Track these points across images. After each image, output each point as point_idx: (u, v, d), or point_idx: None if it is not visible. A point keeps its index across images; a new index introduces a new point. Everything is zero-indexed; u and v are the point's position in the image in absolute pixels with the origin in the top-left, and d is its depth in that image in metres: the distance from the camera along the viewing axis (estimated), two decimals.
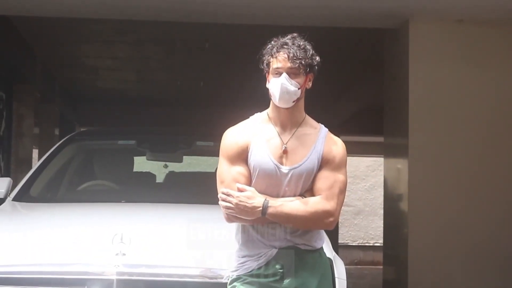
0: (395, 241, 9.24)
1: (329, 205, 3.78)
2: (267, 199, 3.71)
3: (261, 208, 3.68)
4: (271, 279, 3.75)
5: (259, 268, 3.77)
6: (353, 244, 20.80)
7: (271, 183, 3.78)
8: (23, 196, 5.71)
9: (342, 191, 3.85)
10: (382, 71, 10.04)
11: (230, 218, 3.79)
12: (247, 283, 3.77)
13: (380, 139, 10.58)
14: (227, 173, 3.83)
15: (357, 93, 14.55)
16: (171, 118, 16.40)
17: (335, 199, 3.80)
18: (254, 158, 3.80)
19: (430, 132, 8.78)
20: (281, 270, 3.75)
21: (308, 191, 3.83)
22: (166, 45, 12.05)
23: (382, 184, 10.27)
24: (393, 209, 9.42)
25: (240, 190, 3.72)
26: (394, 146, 9.52)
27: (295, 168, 3.79)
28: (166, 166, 7.85)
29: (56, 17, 9.44)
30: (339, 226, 19.12)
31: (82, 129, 16.18)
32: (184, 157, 7.10)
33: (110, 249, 4.19)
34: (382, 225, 10.36)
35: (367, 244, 21.10)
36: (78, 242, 4.49)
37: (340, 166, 3.85)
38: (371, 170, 21.64)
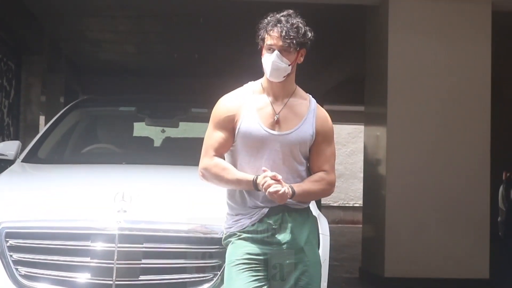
0: (374, 202, 9.29)
1: (332, 177, 3.86)
2: (290, 185, 3.69)
3: (291, 191, 3.67)
4: (264, 235, 3.73)
5: (252, 225, 3.74)
6: (335, 205, 20.89)
7: (261, 148, 3.74)
8: (32, 158, 5.70)
9: (335, 158, 3.93)
10: (363, 45, 10.03)
11: (205, 177, 3.82)
12: (242, 238, 3.75)
13: (361, 108, 10.59)
14: (208, 138, 3.84)
15: (340, 65, 14.53)
16: (168, 88, 16.35)
17: (334, 169, 3.89)
18: (244, 125, 3.75)
19: (407, 102, 8.80)
20: (273, 227, 3.73)
21: (305, 161, 3.84)
22: (164, 20, 12.00)
23: (362, 150, 10.30)
24: (372, 172, 9.45)
25: (274, 177, 3.62)
26: (374, 115, 9.53)
27: (287, 134, 3.75)
28: (163, 131, 7.80)
29: None
30: None
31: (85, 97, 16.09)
32: (180, 123, 7.08)
33: (112, 206, 4.19)
34: (361, 188, 10.40)
35: (347, 205, 21.19)
36: (82, 200, 4.49)
37: (331, 138, 3.90)
38: (352, 137, 21.68)
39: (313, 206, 4.17)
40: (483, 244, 8.75)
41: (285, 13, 3.78)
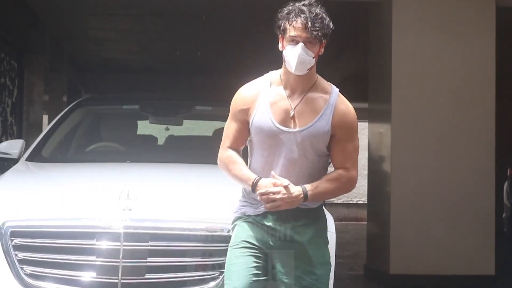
0: (379, 199, 9.28)
1: (353, 173, 3.77)
2: (303, 185, 3.63)
3: (303, 195, 3.61)
4: (265, 231, 3.68)
5: (256, 216, 3.70)
6: (338, 202, 20.84)
7: (274, 144, 3.67)
8: (36, 157, 5.70)
9: (358, 153, 3.81)
10: (367, 41, 10.02)
11: (221, 167, 3.80)
12: (248, 221, 3.71)
13: (364, 105, 10.56)
14: (226, 128, 3.81)
15: (343, 62, 14.51)
16: (170, 86, 16.35)
17: (356, 165, 3.78)
18: (256, 120, 3.68)
19: (411, 98, 8.79)
20: (276, 222, 3.67)
21: (324, 156, 3.74)
22: (166, 18, 12.00)
23: (366, 147, 10.28)
24: (377, 169, 9.44)
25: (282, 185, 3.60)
26: (378, 112, 9.52)
27: (300, 131, 3.65)
28: (167, 129, 7.83)
29: None
30: None
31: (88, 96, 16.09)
32: (183, 121, 7.08)
33: (117, 204, 4.20)
34: (365, 185, 10.40)
35: (351, 202, 21.15)
36: (87, 198, 4.50)
37: (353, 133, 3.78)
38: None
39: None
40: (489, 240, 8.74)
41: (306, 2, 3.67)
